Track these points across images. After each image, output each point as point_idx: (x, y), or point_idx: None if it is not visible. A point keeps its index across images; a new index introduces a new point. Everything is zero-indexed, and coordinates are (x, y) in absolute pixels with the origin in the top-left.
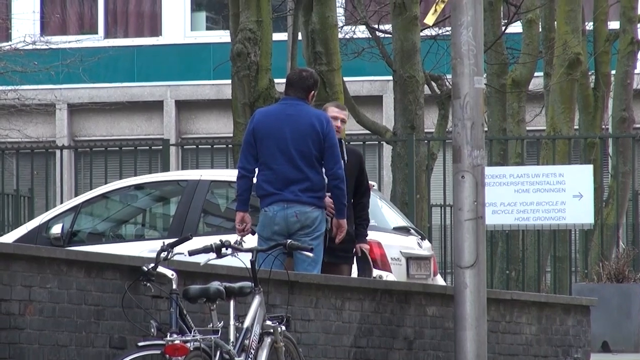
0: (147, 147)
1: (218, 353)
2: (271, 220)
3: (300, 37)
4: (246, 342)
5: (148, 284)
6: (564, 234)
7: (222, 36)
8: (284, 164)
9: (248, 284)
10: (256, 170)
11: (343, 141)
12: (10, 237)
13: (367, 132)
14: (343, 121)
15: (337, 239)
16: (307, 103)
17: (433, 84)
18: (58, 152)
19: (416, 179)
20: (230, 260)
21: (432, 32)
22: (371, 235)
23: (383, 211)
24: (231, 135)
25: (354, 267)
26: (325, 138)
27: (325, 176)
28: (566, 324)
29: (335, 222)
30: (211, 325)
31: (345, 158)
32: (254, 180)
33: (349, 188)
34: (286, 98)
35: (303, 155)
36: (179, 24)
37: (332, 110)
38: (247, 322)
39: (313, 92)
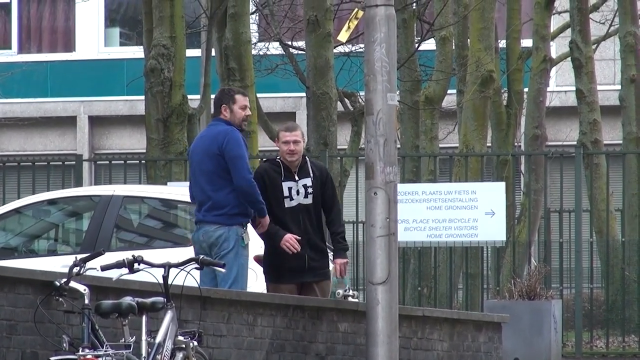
0: (60, 163)
1: None
2: (193, 242)
3: (214, 54)
4: (158, 357)
5: (60, 299)
6: (476, 251)
7: (136, 52)
8: (195, 187)
9: (160, 299)
10: None
11: (307, 158)
12: None
13: None
14: (296, 142)
15: (257, 230)
16: (221, 120)
17: (346, 100)
18: None
19: None
20: (142, 276)
21: (345, 48)
22: None
23: None
24: (144, 150)
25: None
26: (223, 153)
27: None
28: (478, 340)
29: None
30: (123, 340)
31: (311, 174)
32: None
33: (316, 203)
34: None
35: (205, 174)
36: (92, 39)
37: (284, 135)
38: (159, 338)
39: (223, 105)
